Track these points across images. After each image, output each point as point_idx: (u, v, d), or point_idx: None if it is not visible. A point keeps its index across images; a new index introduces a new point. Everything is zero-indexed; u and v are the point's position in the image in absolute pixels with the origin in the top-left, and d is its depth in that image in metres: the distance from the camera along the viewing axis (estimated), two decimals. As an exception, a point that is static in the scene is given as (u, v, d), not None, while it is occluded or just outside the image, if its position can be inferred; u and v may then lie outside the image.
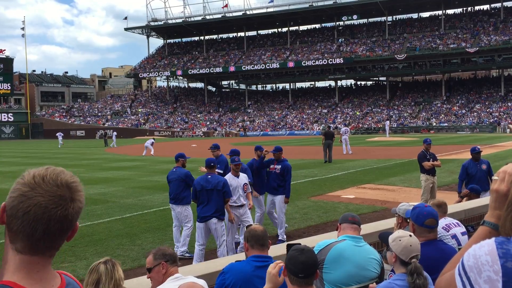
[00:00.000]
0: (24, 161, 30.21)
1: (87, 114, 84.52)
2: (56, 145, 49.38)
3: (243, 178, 8.34)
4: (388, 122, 53.68)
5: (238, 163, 8.26)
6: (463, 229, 4.83)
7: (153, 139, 38.25)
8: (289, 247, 3.33)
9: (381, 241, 3.82)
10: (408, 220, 4.11)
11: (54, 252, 1.39)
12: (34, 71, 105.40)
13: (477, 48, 62.13)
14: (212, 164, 7.84)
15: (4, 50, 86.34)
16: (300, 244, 3.40)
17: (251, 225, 3.72)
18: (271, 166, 9.42)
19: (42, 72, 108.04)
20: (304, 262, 2.70)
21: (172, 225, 8.93)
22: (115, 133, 48.26)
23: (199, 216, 7.62)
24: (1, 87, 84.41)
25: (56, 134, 53.14)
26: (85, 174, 21.46)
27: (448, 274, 1.66)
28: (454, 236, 4.63)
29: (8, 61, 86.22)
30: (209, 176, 7.68)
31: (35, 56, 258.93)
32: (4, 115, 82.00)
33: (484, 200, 7.12)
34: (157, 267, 3.34)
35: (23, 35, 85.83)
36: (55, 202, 1.29)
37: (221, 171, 9.19)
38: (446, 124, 59.79)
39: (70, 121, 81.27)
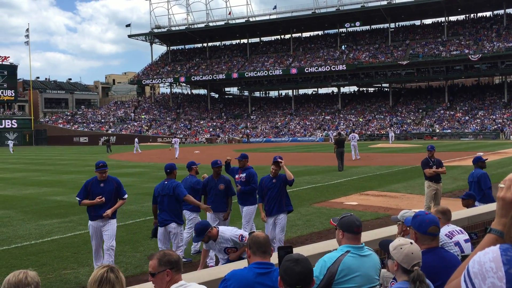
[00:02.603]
0: (27, 168, 30.28)
1: (90, 120, 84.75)
2: (60, 151, 49.48)
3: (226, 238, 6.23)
4: (391, 129, 53.90)
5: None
6: (466, 236, 4.81)
7: (177, 138, 38.25)
8: (280, 250, 3.33)
9: (381, 249, 3.79)
10: (408, 228, 4.09)
11: None
12: (38, 78, 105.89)
13: (480, 55, 62.12)
14: (168, 170, 7.97)
15: (8, 57, 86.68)
16: (291, 247, 3.39)
17: (253, 232, 3.71)
18: (237, 176, 9.00)
19: (45, 79, 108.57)
20: (301, 273, 2.64)
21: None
22: (136, 139, 48.22)
23: (159, 221, 7.81)
24: (5, 94, 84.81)
25: (7, 142, 54.35)
26: (88, 180, 21.49)
27: (455, 281, 1.67)
28: (457, 243, 4.61)
29: (12, 68, 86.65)
30: (166, 182, 7.87)
31: (38, 63, 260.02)
32: (8, 122, 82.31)
33: (487, 207, 7.10)
34: (161, 273, 3.20)
35: (26, 43, 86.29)
36: None
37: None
38: (449, 131, 59.68)
39: (73, 128, 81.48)
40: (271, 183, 8.21)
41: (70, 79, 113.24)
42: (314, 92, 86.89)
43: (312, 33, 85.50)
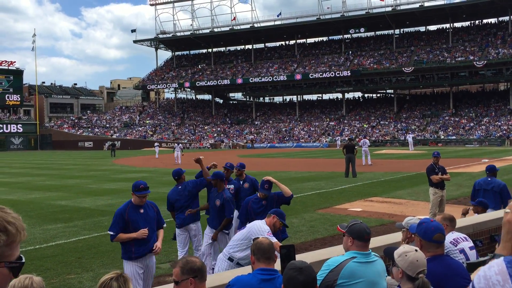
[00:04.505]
0: (32, 172, 30.37)
1: (95, 125, 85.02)
2: (65, 155, 49.63)
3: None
4: (412, 134, 54.08)
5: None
6: (471, 244, 4.78)
7: (177, 144, 38.01)
8: (282, 248, 3.32)
9: (386, 256, 3.78)
10: (413, 235, 4.07)
11: None
12: (43, 82, 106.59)
13: (485, 62, 61.99)
14: (176, 177, 8.02)
15: (14, 62, 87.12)
16: (293, 246, 3.39)
17: (258, 238, 3.70)
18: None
19: (51, 83, 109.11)
20: (304, 282, 2.62)
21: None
22: (156, 144, 48.08)
23: (177, 222, 7.97)
24: (11, 98, 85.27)
25: None
26: (92, 185, 21.55)
27: None
28: (462, 251, 4.58)
29: (18, 73, 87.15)
30: (179, 187, 7.97)
31: (44, 68, 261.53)
32: (14, 126, 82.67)
33: (493, 214, 7.06)
34: (185, 282, 3.05)
35: (33, 49, 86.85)
36: None
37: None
38: (454, 137, 59.49)
39: (78, 133, 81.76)
40: (260, 205, 6.65)
41: (76, 84, 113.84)
42: (318, 98, 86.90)
43: (316, 39, 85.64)
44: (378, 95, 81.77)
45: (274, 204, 6.67)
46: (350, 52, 77.68)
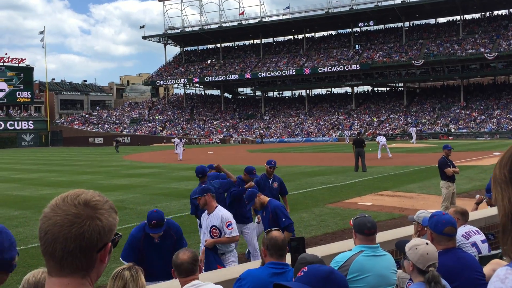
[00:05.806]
0: (44, 168, 30.63)
1: (105, 121, 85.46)
2: (76, 151, 49.98)
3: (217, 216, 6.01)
4: (414, 128, 53.77)
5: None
6: (483, 237, 4.75)
7: (180, 139, 37.96)
8: (292, 241, 3.33)
9: (397, 249, 3.77)
10: (425, 228, 4.06)
11: (86, 273, 1.38)
12: (53, 79, 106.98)
13: (496, 54, 61.33)
14: (201, 175, 7.64)
15: (25, 59, 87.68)
16: (302, 238, 3.39)
17: (271, 230, 3.69)
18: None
19: (61, 80, 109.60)
20: None
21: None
22: (176, 139, 48.15)
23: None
24: (22, 95, 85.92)
25: None
26: (103, 181, 21.70)
27: None
28: (474, 244, 4.56)
29: (29, 70, 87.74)
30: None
31: (54, 65, 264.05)
32: (25, 123, 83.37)
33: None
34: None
35: (43, 46, 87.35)
36: (69, 220, 1.31)
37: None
38: (465, 130, 59.03)
39: (88, 129, 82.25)
40: (259, 212, 6.50)
41: (85, 80, 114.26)
42: (327, 92, 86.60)
43: (325, 33, 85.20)
44: (388, 88, 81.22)
45: (272, 218, 6.24)
46: (359, 45, 77.22)
